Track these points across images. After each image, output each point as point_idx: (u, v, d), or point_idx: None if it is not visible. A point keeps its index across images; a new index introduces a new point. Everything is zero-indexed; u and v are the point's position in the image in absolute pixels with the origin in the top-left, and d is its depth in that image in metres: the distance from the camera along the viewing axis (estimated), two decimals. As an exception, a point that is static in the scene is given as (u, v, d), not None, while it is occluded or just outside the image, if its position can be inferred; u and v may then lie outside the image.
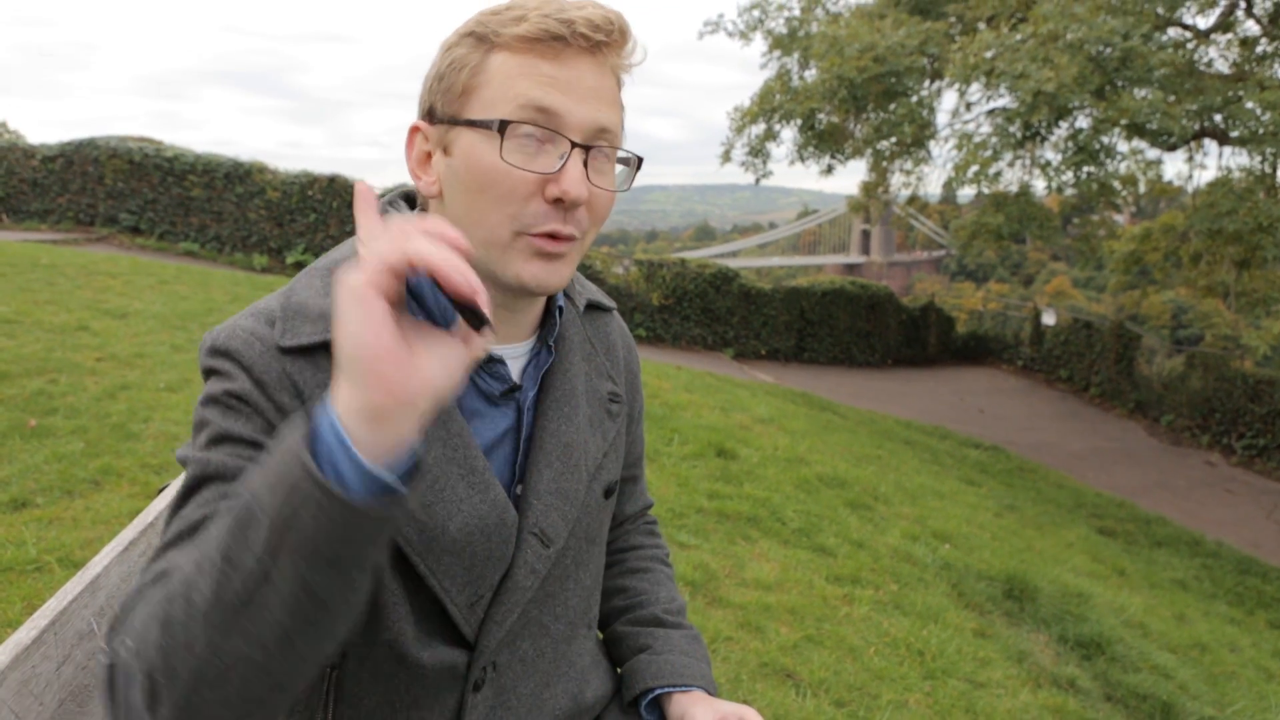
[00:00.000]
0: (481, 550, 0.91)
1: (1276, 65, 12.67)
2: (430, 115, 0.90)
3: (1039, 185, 12.64)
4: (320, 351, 0.85)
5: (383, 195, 1.01)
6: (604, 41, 0.86)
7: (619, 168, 0.93)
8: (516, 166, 0.84)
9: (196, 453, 0.82)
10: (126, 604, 0.72)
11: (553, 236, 0.87)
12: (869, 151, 14.15)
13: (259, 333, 0.84)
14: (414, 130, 0.92)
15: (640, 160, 0.94)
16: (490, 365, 0.95)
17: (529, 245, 0.87)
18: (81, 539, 2.95)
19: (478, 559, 0.91)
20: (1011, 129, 11.20)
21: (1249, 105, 10.85)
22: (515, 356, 0.99)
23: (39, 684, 0.87)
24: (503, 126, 0.84)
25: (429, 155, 0.91)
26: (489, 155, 0.85)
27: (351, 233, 0.97)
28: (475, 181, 0.86)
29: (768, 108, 13.93)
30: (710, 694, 1.09)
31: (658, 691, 1.09)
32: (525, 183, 0.85)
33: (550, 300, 1.01)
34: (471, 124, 0.86)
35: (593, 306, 1.12)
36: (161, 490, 1.28)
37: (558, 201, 0.85)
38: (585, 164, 0.86)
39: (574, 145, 0.85)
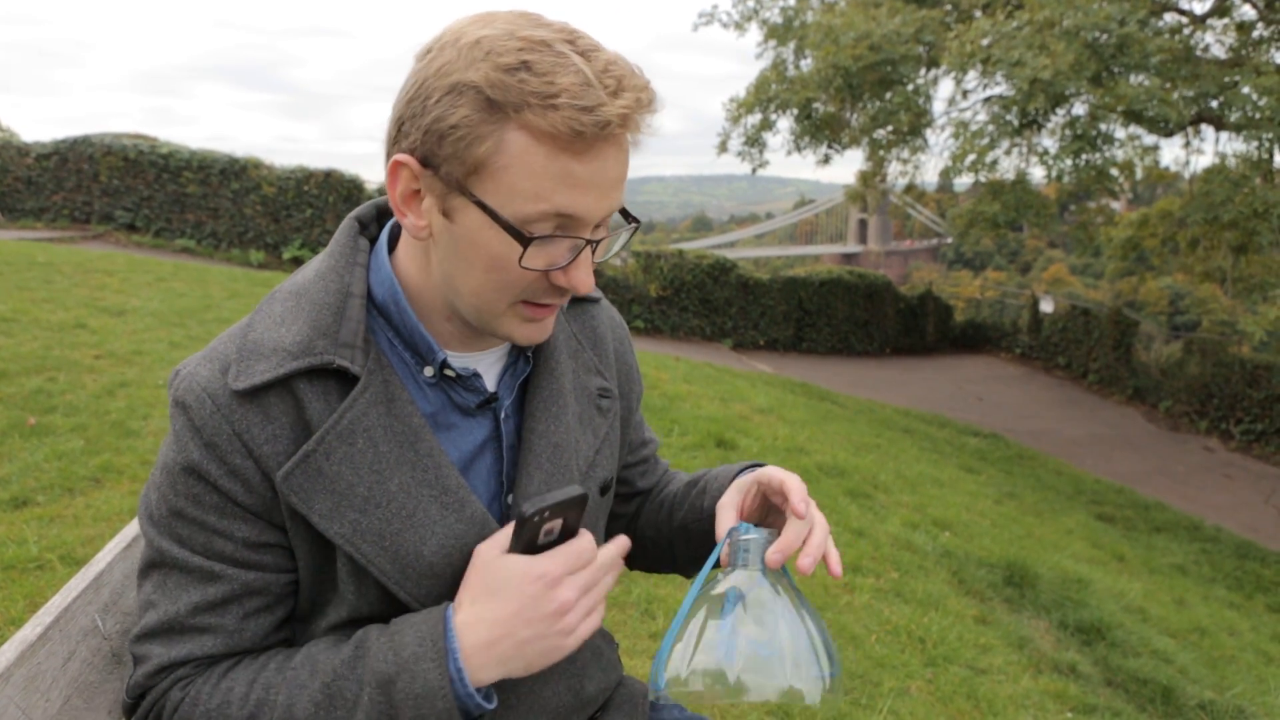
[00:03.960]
0: (464, 568, 0.90)
1: (1273, 50, 12.65)
2: (424, 161, 0.81)
3: (1036, 173, 12.63)
4: (272, 392, 0.85)
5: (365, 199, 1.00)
6: (634, 128, 0.82)
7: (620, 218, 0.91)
8: (531, 269, 0.83)
9: (153, 530, 0.88)
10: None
11: (550, 306, 0.89)
12: (866, 140, 14.11)
13: (212, 387, 0.84)
14: (398, 166, 0.83)
15: (638, 224, 0.92)
16: (463, 379, 0.93)
17: (522, 312, 0.88)
18: (83, 536, 2.95)
19: (461, 577, 0.90)
20: (1008, 117, 11.18)
21: (1245, 90, 10.82)
22: (490, 364, 0.98)
23: (45, 681, 0.87)
24: (526, 241, 0.80)
25: (417, 193, 0.84)
26: (502, 249, 0.82)
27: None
28: (481, 262, 0.84)
29: (764, 97, 13.89)
30: None
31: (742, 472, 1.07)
32: (534, 276, 0.84)
33: None
34: (485, 209, 0.80)
35: (578, 300, 1.09)
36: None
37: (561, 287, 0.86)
38: (594, 249, 0.86)
39: (588, 242, 0.84)
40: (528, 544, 0.86)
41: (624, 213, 0.90)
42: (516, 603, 0.84)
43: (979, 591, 4.02)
